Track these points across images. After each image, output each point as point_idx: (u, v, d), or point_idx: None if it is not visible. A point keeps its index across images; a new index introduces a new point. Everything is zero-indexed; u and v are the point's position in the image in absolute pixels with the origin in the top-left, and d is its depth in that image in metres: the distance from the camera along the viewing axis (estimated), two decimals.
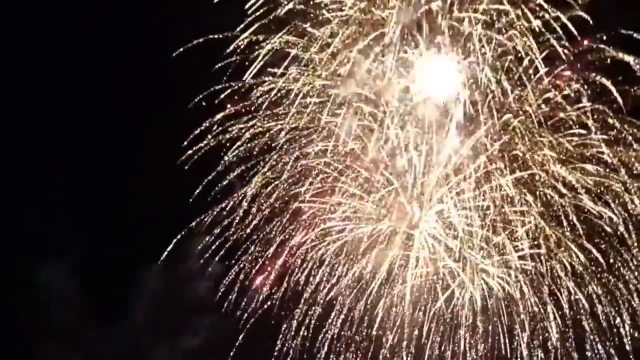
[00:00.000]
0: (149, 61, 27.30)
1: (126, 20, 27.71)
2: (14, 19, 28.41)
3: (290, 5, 24.97)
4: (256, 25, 25.10)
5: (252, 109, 26.39)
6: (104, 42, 28.10)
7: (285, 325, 27.61)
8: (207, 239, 27.17)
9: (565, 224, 26.00)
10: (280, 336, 27.64)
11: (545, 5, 24.24)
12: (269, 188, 27.03)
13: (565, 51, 24.52)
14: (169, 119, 26.99)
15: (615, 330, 26.61)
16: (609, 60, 24.72)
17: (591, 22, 23.87)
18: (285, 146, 26.73)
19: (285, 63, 25.62)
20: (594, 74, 24.91)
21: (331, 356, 27.70)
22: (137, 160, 28.43)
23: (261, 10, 24.89)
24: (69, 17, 28.13)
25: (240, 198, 27.05)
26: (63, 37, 28.15)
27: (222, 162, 26.64)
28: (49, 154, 29.04)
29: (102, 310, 29.06)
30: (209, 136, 26.49)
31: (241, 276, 27.46)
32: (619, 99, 24.42)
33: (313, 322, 27.56)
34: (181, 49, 25.54)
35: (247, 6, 24.65)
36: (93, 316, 29.15)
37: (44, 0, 28.33)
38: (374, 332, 27.37)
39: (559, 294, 26.54)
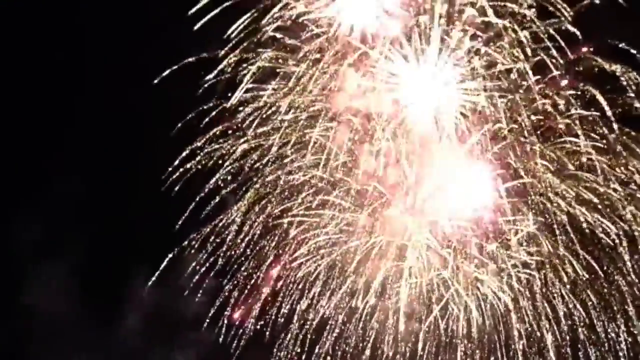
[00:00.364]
0: (152, 63, 27.16)
1: (127, 24, 27.66)
2: (14, 18, 28.38)
3: (279, 22, 25.06)
4: (245, 43, 25.22)
5: (243, 126, 26.48)
6: (105, 43, 28.11)
7: (279, 341, 27.73)
8: (200, 255, 27.26)
9: (558, 232, 26.06)
10: (275, 351, 27.74)
11: (533, 17, 24.37)
12: (262, 203, 27.14)
13: (554, 60, 24.65)
14: (161, 137, 27.06)
15: (610, 338, 26.70)
16: (596, 69, 24.88)
17: (578, 34, 24.05)
18: (277, 162, 26.82)
19: (277, 79, 25.78)
20: (582, 84, 25.07)
21: None
22: (138, 161, 28.40)
23: (249, 28, 25.02)
24: (68, 17, 28.14)
25: (232, 214, 27.13)
26: (63, 37, 28.16)
27: (215, 179, 26.74)
28: (49, 154, 29.00)
29: (101, 311, 28.95)
30: (201, 154, 26.62)
31: (235, 293, 27.57)
32: (607, 109, 24.57)
33: (308, 336, 27.65)
34: (175, 66, 25.68)
35: (229, 31, 24.77)
36: (93, 316, 29.03)
37: (44, 0, 28.36)
38: (369, 345, 27.44)
39: (554, 302, 26.60)
